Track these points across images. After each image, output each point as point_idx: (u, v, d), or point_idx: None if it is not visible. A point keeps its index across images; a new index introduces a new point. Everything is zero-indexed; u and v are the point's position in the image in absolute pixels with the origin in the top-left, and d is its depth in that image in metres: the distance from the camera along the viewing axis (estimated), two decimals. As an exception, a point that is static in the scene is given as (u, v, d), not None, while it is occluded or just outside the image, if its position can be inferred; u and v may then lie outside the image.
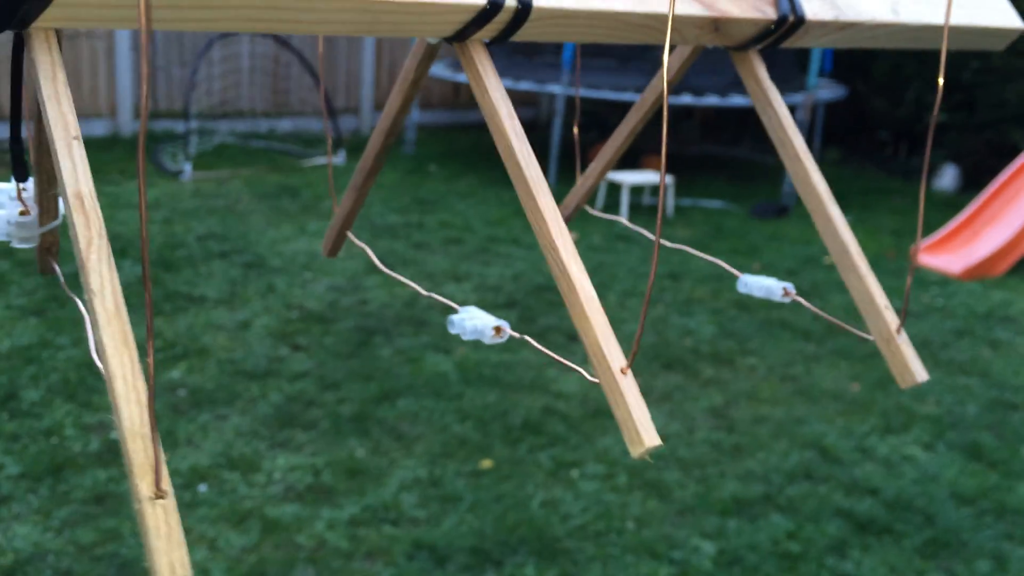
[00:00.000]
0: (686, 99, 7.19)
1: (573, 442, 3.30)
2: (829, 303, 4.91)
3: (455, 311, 0.83)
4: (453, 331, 0.81)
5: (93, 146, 7.61)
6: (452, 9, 0.77)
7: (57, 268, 1.00)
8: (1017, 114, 7.82)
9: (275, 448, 3.14)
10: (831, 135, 8.96)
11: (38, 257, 1.02)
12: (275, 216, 5.91)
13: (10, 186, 0.93)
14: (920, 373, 0.90)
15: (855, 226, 6.75)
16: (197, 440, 3.15)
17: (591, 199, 6.75)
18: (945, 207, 7.25)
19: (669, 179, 6.62)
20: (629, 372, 0.71)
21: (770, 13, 0.90)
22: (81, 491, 2.81)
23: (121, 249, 4.97)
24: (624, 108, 8.78)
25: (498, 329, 0.79)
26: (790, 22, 0.90)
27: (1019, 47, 7.73)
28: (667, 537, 2.79)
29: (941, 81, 0.75)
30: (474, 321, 0.81)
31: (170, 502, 0.59)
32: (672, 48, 1.03)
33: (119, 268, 4.05)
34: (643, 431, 0.70)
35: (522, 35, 0.83)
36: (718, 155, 9.22)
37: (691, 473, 3.16)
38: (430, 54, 0.92)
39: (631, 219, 5.55)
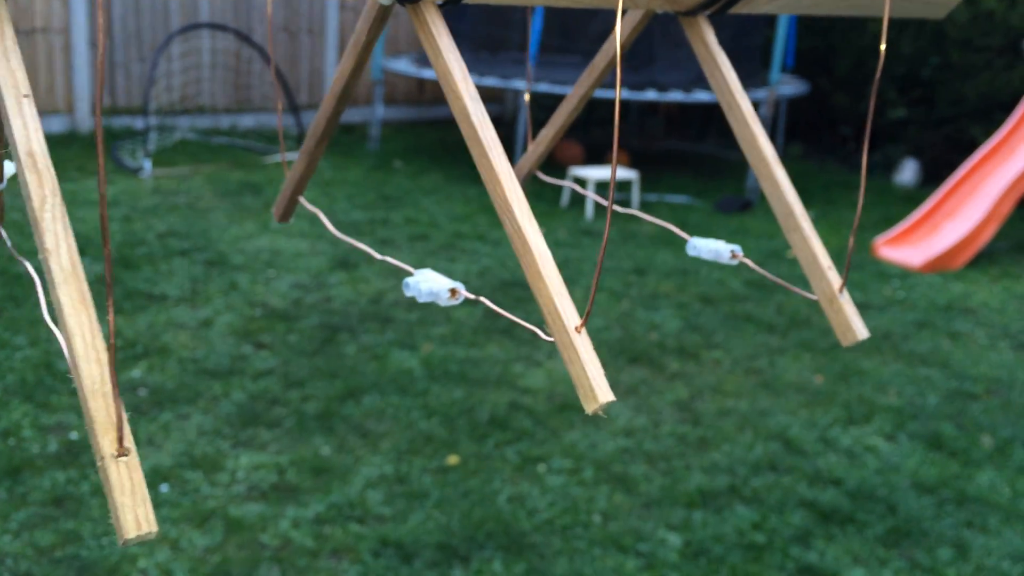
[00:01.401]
0: (650, 95, 7.21)
1: (539, 437, 3.30)
2: (793, 297, 4.95)
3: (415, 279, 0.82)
4: (408, 294, 0.80)
5: (50, 143, 7.46)
6: None
7: (3, 232, 0.97)
8: (975, 110, 7.94)
9: (238, 447, 3.11)
10: (793, 131, 9.04)
11: None
12: (237, 213, 5.85)
13: None
14: (861, 331, 0.92)
15: (817, 221, 6.82)
16: (158, 440, 3.11)
17: (541, 192, 6.75)
18: (905, 201, 7.34)
19: (634, 174, 6.64)
20: (583, 330, 0.71)
21: None
22: (39, 493, 2.76)
23: (80, 248, 4.88)
24: (590, 104, 8.79)
25: (454, 291, 0.79)
26: None
27: (977, 44, 7.85)
28: (633, 530, 2.80)
29: (883, 47, 0.75)
30: (429, 283, 0.80)
31: (133, 459, 0.58)
32: (624, 13, 1.03)
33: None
34: (597, 387, 0.71)
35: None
36: (683, 151, 9.27)
37: (657, 466, 3.17)
38: (382, 16, 0.91)
39: (596, 215, 5.54)
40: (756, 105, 7.39)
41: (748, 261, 0.98)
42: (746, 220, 6.71)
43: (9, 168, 0.99)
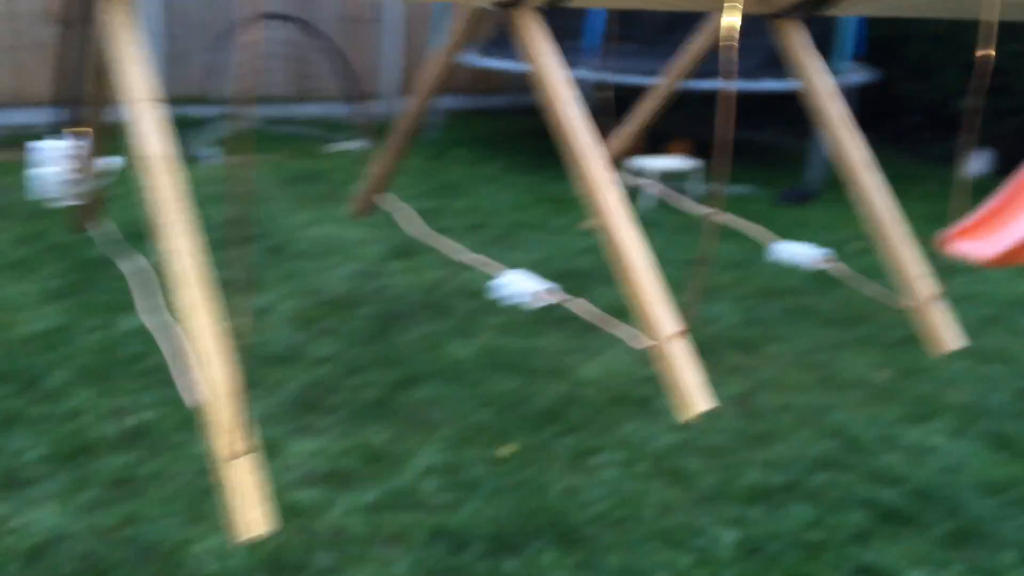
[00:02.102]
0: (717, 83, 7.11)
1: (594, 429, 3.29)
2: (856, 292, 4.85)
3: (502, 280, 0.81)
4: (494, 295, 0.79)
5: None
6: None
7: (99, 226, 0.98)
8: (1052, 98, 7.67)
9: (296, 433, 3.15)
10: (861, 120, 8.84)
11: (79, 214, 1.01)
12: (298, 201, 5.93)
13: (62, 144, 0.91)
14: (951, 341, 0.88)
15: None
16: (219, 424, 3.17)
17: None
18: (977, 192, 7.13)
19: (699, 164, 6.55)
20: (681, 339, 0.70)
21: None
22: (103, 475, 2.84)
23: (139, 233, 5.00)
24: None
25: (541, 294, 0.78)
26: None
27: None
28: (687, 525, 2.77)
29: (993, 53, 0.71)
30: (516, 286, 0.79)
31: (249, 461, 0.58)
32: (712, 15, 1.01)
33: (141, 251, 4.09)
34: (692, 397, 0.69)
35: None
36: (747, 140, 9.13)
37: (713, 461, 3.13)
38: (478, 18, 0.90)
39: (657, 206, 5.47)
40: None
41: (840, 265, 0.95)
42: (808, 212, 6.59)
43: (115, 162, 1.00)
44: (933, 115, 8.63)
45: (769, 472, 3.08)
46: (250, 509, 0.55)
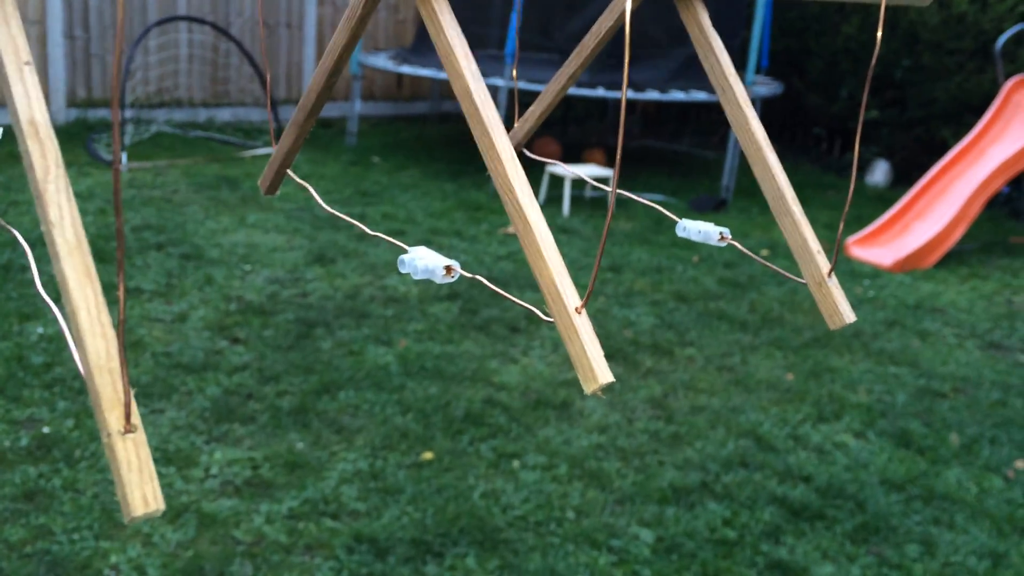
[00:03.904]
0: (628, 93, 7.24)
1: (514, 433, 3.32)
2: (766, 295, 5.00)
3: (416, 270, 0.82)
4: (404, 270, 0.82)
5: (23, 135, 7.39)
6: None
7: None
8: (946, 112, 8.04)
9: (212, 442, 3.10)
10: (768, 131, 9.10)
11: None
12: (213, 207, 5.82)
13: None
14: (848, 314, 0.93)
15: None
16: (132, 434, 3.10)
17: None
18: (877, 201, 7.43)
19: (610, 172, 6.67)
20: (584, 311, 0.72)
21: None
22: (10, 487, 2.75)
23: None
24: (566, 102, 8.81)
25: (449, 268, 0.80)
26: None
27: (948, 47, 7.94)
28: (607, 526, 2.83)
29: (879, 34, 0.76)
30: (424, 261, 0.81)
31: (140, 436, 0.57)
32: None
33: (51, 260, 3.95)
34: (597, 368, 0.71)
35: None
36: (659, 149, 9.32)
37: (630, 462, 3.20)
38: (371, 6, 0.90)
39: (572, 212, 5.55)
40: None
41: (737, 244, 1.00)
42: (720, 219, 6.75)
43: None
44: (835, 127, 8.95)
45: (684, 472, 3.16)
46: (146, 483, 0.55)
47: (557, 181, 6.77)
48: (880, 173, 8.32)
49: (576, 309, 0.73)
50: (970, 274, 5.77)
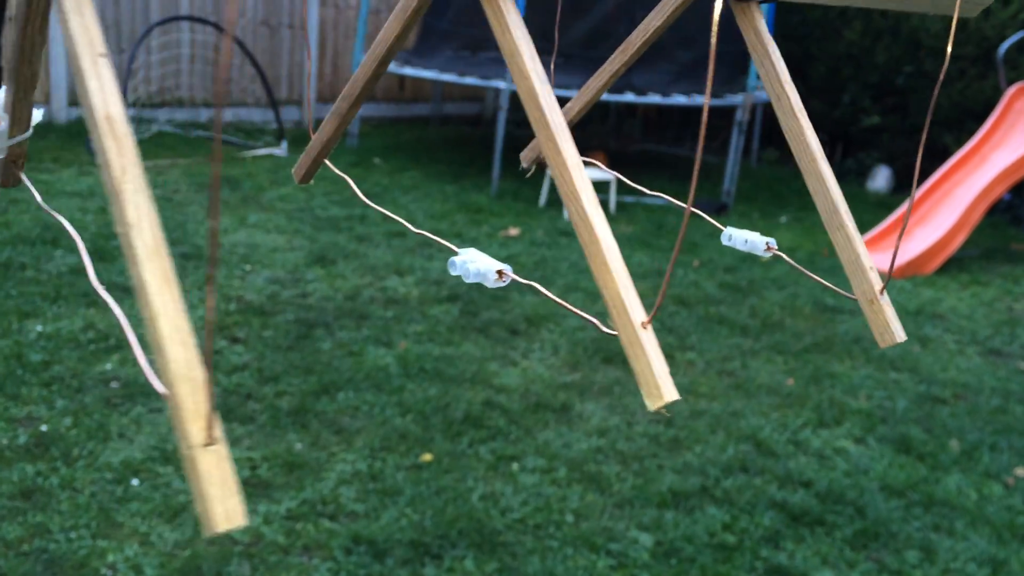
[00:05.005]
0: (629, 97, 7.24)
1: (514, 436, 3.31)
2: (767, 300, 4.99)
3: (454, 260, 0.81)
4: (454, 272, 0.80)
5: (25, 133, 7.39)
6: None
7: (25, 178, 0.94)
8: (948, 118, 8.03)
9: (211, 442, 3.09)
10: (770, 136, 9.11)
11: (1, 170, 0.96)
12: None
13: None
14: (899, 333, 0.92)
15: (791, 225, 6.88)
16: (130, 433, 3.09)
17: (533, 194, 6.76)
18: (878, 207, 7.42)
19: (612, 176, 6.66)
20: (649, 326, 0.70)
21: None
22: (7, 485, 2.74)
23: (53, 239, 4.85)
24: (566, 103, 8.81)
25: (501, 272, 0.78)
26: None
27: (952, 52, 7.93)
28: (605, 529, 2.82)
29: (950, 49, 0.75)
30: (476, 264, 0.79)
31: (222, 448, 0.54)
32: None
33: (51, 258, 3.99)
34: (662, 384, 0.69)
35: None
36: (660, 153, 9.31)
37: (630, 466, 3.19)
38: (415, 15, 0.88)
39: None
40: (732, 110, 7.45)
41: (784, 255, 1.00)
42: (721, 223, 6.74)
43: (36, 115, 0.96)
44: (836, 133, 8.94)
45: (684, 476, 3.15)
46: (228, 497, 0.53)
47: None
48: (881, 179, 8.32)
49: (642, 324, 0.71)
50: (971, 280, 5.77)
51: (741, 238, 0.99)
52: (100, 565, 2.45)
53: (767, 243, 0.97)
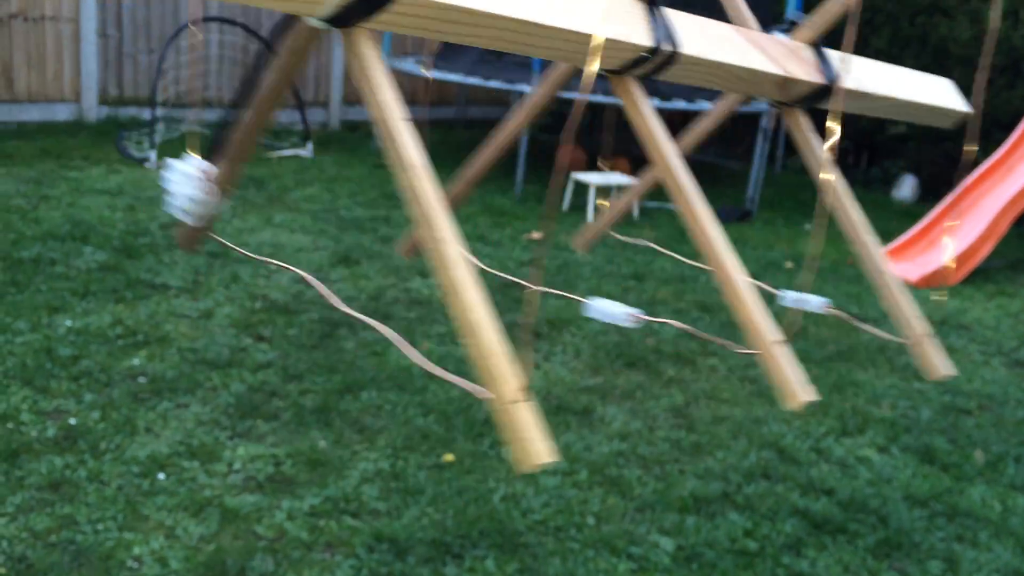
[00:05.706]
0: (654, 102, 7.24)
1: (535, 438, 3.31)
2: (788, 308, 4.97)
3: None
4: (589, 315, 1.00)
5: (57, 131, 7.49)
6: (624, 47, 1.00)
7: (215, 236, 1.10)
8: (974, 127, 7.97)
9: (236, 438, 3.12)
10: (792, 145, 9.07)
11: (188, 235, 1.10)
12: (240, 206, 5.87)
13: (194, 166, 0.98)
14: (946, 368, 1.06)
15: (815, 233, 6.85)
16: (157, 428, 3.12)
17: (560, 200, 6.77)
18: (903, 216, 7.38)
19: (636, 181, 6.66)
20: (782, 344, 0.88)
21: (818, 78, 1.15)
22: (36, 477, 2.78)
23: (83, 235, 4.91)
24: (593, 109, 8.81)
25: (635, 315, 0.97)
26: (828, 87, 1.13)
27: (979, 63, 7.88)
28: (626, 533, 2.82)
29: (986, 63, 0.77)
30: (610, 310, 1.00)
31: (531, 404, 0.76)
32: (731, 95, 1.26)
33: (80, 254, 4.05)
34: (799, 388, 0.89)
35: (668, 75, 1.16)
36: (687, 159, 9.29)
37: (651, 470, 3.19)
38: (311, 38, 1.01)
39: (596, 219, 5.54)
40: (758, 116, 7.43)
41: (840, 313, 1.11)
42: (745, 230, 6.73)
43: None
44: (861, 141, 8.90)
45: (706, 482, 3.15)
46: (538, 441, 0.73)
47: (582, 189, 6.78)
48: (907, 188, 8.27)
49: (776, 342, 0.92)
50: (997, 291, 5.72)
51: (792, 298, 1.14)
52: (126, 557, 2.48)
53: (826, 304, 1.13)
